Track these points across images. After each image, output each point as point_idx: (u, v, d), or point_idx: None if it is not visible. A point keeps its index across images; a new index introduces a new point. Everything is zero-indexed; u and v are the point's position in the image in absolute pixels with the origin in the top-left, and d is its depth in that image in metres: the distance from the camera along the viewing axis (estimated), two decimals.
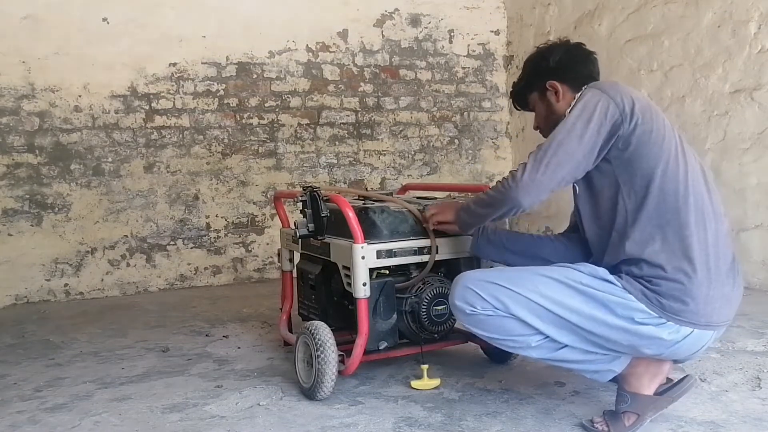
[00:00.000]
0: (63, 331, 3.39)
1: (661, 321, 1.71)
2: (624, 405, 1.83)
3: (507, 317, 1.80)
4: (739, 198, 3.68)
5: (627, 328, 1.73)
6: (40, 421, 2.14)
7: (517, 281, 1.81)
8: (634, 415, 1.81)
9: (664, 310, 1.70)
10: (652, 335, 1.72)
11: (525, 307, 1.78)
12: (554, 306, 1.76)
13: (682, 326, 1.70)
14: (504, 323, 1.82)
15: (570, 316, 1.76)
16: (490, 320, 1.82)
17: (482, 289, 1.82)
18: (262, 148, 4.74)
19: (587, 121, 1.74)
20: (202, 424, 2.05)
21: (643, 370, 1.84)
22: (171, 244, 4.52)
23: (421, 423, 1.98)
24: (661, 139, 1.75)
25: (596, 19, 4.60)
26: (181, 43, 4.49)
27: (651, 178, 1.73)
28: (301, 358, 2.29)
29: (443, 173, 5.28)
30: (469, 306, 1.83)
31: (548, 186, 1.76)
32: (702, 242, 1.72)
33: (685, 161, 1.77)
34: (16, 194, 4.16)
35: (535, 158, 1.77)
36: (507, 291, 1.80)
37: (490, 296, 1.80)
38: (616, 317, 1.73)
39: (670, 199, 1.73)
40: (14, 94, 4.14)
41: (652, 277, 1.72)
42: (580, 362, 1.88)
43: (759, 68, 3.58)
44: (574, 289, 1.76)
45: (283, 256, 2.84)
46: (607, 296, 1.73)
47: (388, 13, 5.08)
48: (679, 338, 1.72)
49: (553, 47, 2.05)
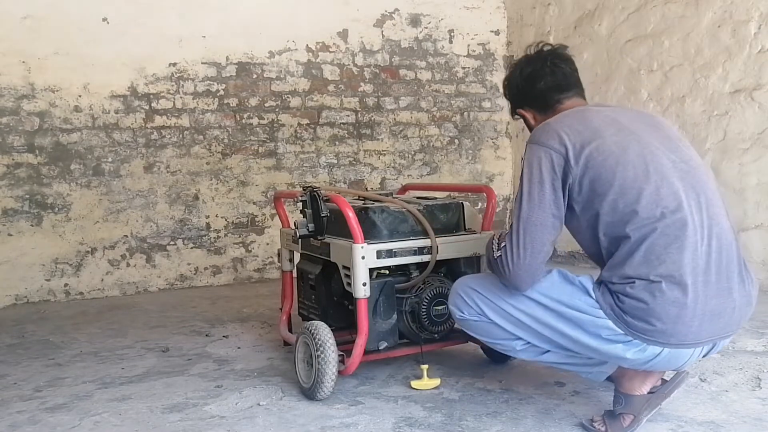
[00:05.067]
0: (63, 331, 3.39)
1: (627, 338, 1.67)
2: (619, 406, 1.84)
3: (489, 323, 1.88)
4: (739, 198, 3.68)
5: (595, 346, 1.72)
6: (40, 421, 2.14)
7: (495, 291, 1.85)
8: (630, 416, 1.83)
9: (629, 327, 1.65)
10: (618, 355, 1.70)
11: (501, 316, 1.85)
12: (527, 318, 1.81)
13: (649, 345, 1.65)
14: (488, 328, 1.89)
15: (542, 330, 1.79)
16: (477, 325, 1.91)
17: (466, 295, 1.91)
18: (262, 148, 4.74)
19: (539, 183, 1.71)
20: (202, 424, 2.05)
21: (633, 373, 1.84)
22: (171, 244, 4.52)
23: (421, 423, 1.98)
24: (616, 160, 1.68)
25: (596, 19, 4.60)
26: (181, 43, 4.49)
27: (616, 209, 1.67)
28: (301, 358, 2.29)
29: (443, 173, 5.28)
30: (458, 311, 1.93)
31: (537, 262, 1.73)
32: (677, 263, 1.62)
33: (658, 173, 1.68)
34: (16, 194, 4.16)
35: (512, 243, 1.73)
36: (485, 299, 1.87)
37: (473, 303, 1.89)
38: (586, 334, 1.72)
39: (643, 216, 1.65)
40: (14, 94, 4.14)
41: (620, 293, 1.67)
42: (569, 364, 1.92)
43: (759, 68, 3.58)
44: (544, 307, 1.77)
45: (283, 256, 2.84)
46: (577, 314, 1.72)
47: (388, 13, 5.08)
48: (648, 357, 1.67)
49: (511, 73, 2.02)
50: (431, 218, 2.35)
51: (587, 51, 4.68)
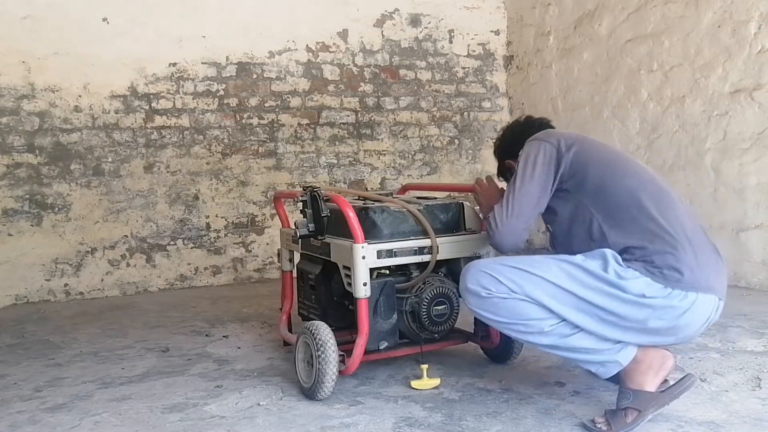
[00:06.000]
0: (63, 331, 3.39)
1: (667, 291, 1.79)
2: (626, 401, 1.85)
3: (523, 300, 1.86)
4: (739, 198, 3.68)
5: (640, 302, 1.80)
6: (40, 421, 2.14)
7: (534, 265, 1.89)
8: (635, 411, 1.83)
9: (667, 279, 1.79)
10: (664, 305, 1.79)
11: (541, 289, 1.85)
12: (571, 284, 1.83)
13: (688, 292, 1.79)
14: (519, 306, 1.87)
15: (586, 294, 1.82)
16: (504, 303, 1.88)
17: (499, 273, 1.89)
18: (262, 148, 4.74)
19: (533, 165, 2.02)
20: (202, 424, 2.05)
21: (646, 366, 1.85)
22: (171, 244, 4.52)
23: (421, 423, 1.98)
24: (598, 155, 2.03)
25: (596, 19, 4.60)
26: (181, 43, 4.49)
27: (604, 186, 1.96)
28: (301, 358, 2.28)
29: (443, 173, 5.28)
30: (485, 289, 1.89)
31: (519, 226, 2.00)
32: (671, 221, 1.87)
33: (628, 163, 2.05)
34: (16, 194, 4.16)
35: (501, 207, 2.03)
36: (524, 274, 1.87)
37: (507, 279, 1.87)
38: (629, 293, 1.80)
39: (625, 196, 1.93)
40: (14, 94, 4.14)
41: (644, 256, 1.84)
42: (588, 351, 1.88)
43: (759, 68, 3.58)
44: (586, 271, 1.85)
45: (283, 256, 2.84)
46: (617, 279, 1.82)
47: (388, 13, 5.08)
48: (688, 305, 1.79)
49: (503, 133, 2.44)
50: (431, 218, 2.35)
51: (587, 51, 4.68)
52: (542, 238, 5.20)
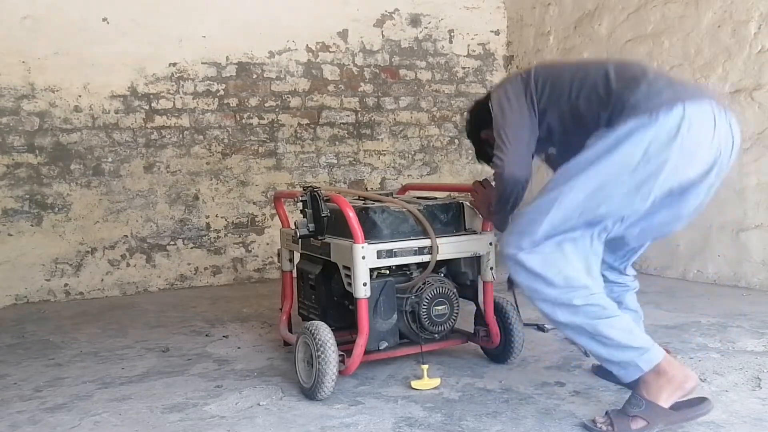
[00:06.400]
0: (63, 331, 3.39)
1: (653, 119, 1.79)
2: (637, 409, 1.81)
3: (566, 242, 1.88)
4: (739, 198, 3.68)
5: (635, 140, 1.80)
6: (40, 421, 2.14)
7: (543, 192, 1.93)
8: (643, 422, 1.80)
9: (650, 110, 1.80)
10: (658, 134, 1.78)
11: (566, 199, 1.86)
12: (590, 169, 1.84)
13: (672, 107, 1.79)
14: (561, 256, 1.88)
15: (622, 173, 1.82)
16: (551, 257, 1.89)
17: (534, 223, 1.89)
18: (262, 148, 4.74)
19: (507, 99, 2.09)
20: (202, 424, 2.05)
21: (666, 380, 1.81)
22: (171, 244, 4.52)
23: (421, 423, 1.98)
24: (560, 63, 2.19)
25: (596, 19, 4.61)
26: (181, 43, 4.49)
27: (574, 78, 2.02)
28: (301, 358, 2.28)
29: (443, 173, 5.28)
30: (532, 245, 1.90)
31: (523, 151, 2.06)
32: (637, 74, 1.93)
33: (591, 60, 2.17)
34: (16, 194, 4.16)
35: (498, 145, 2.08)
36: (555, 198, 1.88)
37: (545, 220, 1.87)
38: (623, 142, 1.82)
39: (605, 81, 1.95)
40: (14, 94, 4.14)
41: (624, 111, 1.86)
42: (612, 345, 1.84)
43: (759, 68, 3.58)
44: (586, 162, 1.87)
45: (283, 256, 2.84)
46: (610, 143, 1.84)
47: (388, 13, 5.08)
48: (677, 119, 1.78)
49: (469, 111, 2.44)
50: (431, 218, 2.35)
51: (587, 51, 4.68)
52: None
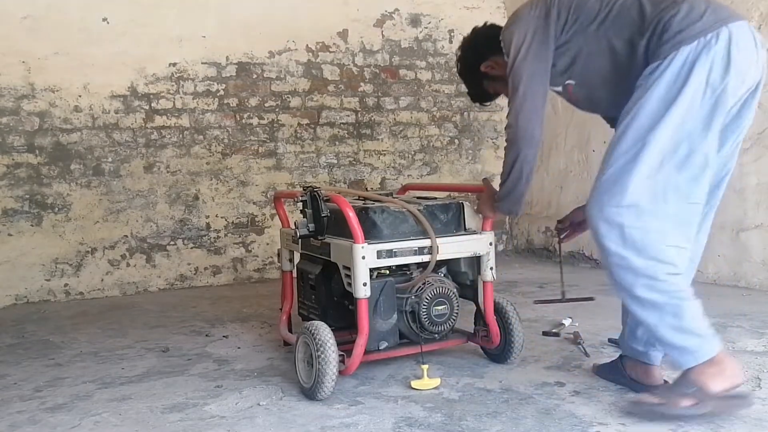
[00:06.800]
0: (63, 331, 3.39)
1: (707, 46, 1.77)
2: (688, 390, 1.85)
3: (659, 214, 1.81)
4: (739, 198, 3.68)
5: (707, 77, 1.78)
6: (40, 421, 2.14)
7: (619, 149, 1.84)
8: (693, 401, 1.84)
9: (698, 35, 1.78)
10: (717, 57, 1.77)
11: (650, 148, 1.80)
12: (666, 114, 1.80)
13: (719, 31, 1.79)
14: (657, 230, 1.82)
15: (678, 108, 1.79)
16: (647, 237, 1.82)
17: (612, 184, 1.84)
18: (262, 148, 4.74)
19: (524, 39, 1.97)
20: (202, 424, 2.05)
21: (718, 370, 1.83)
22: (171, 244, 4.52)
23: (421, 423, 1.98)
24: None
25: None
26: (181, 43, 4.49)
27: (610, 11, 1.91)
28: (301, 358, 2.28)
29: (443, 173, 5.28)
30: (618, 206, 1.84)
31: (539, 105, 1.99)
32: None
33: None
34: (16, 194, 4.16)
35: (513, 99, 2.02)
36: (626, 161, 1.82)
37: (630, 198, 1.81)
38: (698, 77, 1.78)
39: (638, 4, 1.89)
40: (14, 94, 4.14)
41: (666, 25, 1.82)
42: (679, 328, 1.83)
43: None
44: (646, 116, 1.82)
45: (283, 256, 2.84)
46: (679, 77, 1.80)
47: (388, 13, 5.08)
48: (727, 42, 1.78)
49: (463, 44, 2.40)
50: (431, 218, 2.35)
51: None
52: (542, 238, 5.20)
